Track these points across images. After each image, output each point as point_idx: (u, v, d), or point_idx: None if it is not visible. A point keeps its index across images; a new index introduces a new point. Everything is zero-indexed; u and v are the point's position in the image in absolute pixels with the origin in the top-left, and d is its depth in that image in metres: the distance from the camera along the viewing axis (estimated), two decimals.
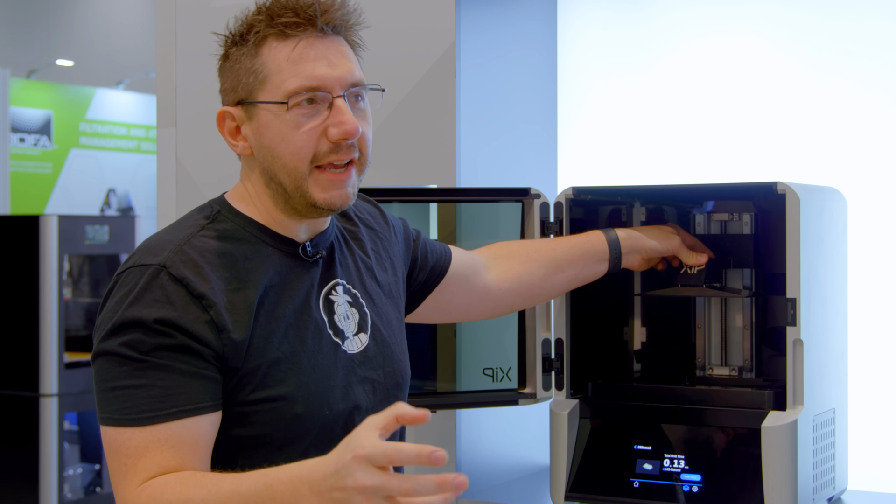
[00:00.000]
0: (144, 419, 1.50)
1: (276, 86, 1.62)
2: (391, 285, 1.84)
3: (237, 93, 1.66)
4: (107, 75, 12.25)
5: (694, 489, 2.03)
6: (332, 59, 1.63)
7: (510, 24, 2.63)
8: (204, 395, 1.53)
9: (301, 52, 1.62)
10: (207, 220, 1.66)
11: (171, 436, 1.50)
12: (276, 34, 1.62)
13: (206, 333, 1.54)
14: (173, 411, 1.50)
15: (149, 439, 1.49)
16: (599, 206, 2.30)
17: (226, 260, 1.61)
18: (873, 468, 2.44)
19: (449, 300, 2.00)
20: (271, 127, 1.63)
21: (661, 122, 2.76)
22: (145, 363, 1.51)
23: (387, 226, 1.89)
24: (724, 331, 2.24)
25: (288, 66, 1.61)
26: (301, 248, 1.68)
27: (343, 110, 1.62)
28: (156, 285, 1.54)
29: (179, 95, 2.85)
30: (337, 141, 1.62)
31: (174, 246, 1.59)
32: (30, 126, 10.39)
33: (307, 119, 1.62)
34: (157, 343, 1.52)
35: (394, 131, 2.51)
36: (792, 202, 1.96)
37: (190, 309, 1.54)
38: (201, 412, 1.52)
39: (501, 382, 2.31)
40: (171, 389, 1.51)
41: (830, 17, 2.57)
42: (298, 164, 1.62)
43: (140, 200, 11.06)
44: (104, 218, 6.24)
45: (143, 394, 1.50)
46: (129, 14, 12.89)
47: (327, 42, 1.64)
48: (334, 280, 1.71)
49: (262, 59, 1.63)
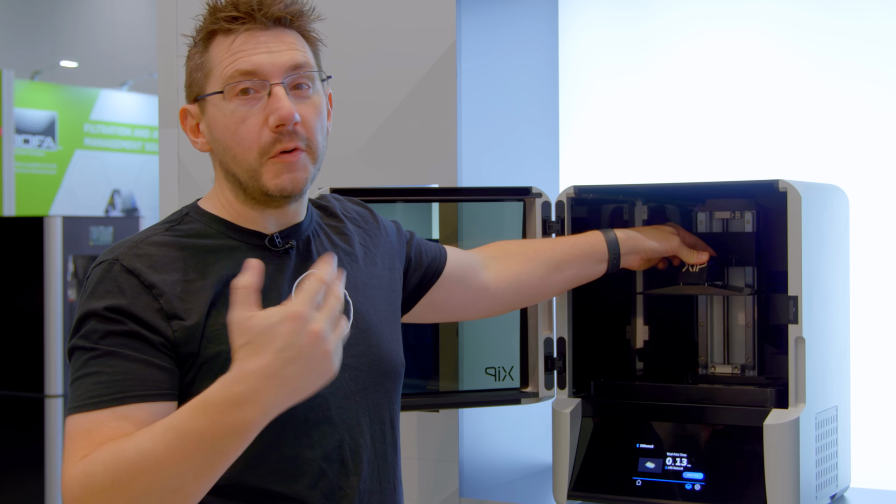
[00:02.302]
0: (90, 405, 1.50)
1: (216, 77, 1.65)
2: (383, 278, 1.83)
3: (192, 90, 1.70)
4: (111, 76, 12.27)
5: (696, 487, 2.03)
6: (273, 47, 1.65)
7: (511, 24, 2.63)
8: (151, 384, 1.52)
9: (241, 43, 1.64)
10: (173, 222, 1.69)
11: (114, 418, 1.49)
12: (222, 30, 1.65)
13: (157, 321, 1.55)
14: (118, 396, 1.50)
15: (92, 423, 1.49)
16: (601, 205, 2.30)
17: (184, 253, 1.62)
18: (876, 466, 2.43)
19: (446, 299, 2.00)
20: (217, 120, 1.66)
21: (663, 121, 2.76)
22: (97, 351, 1.53)
23: (377, 225, 1.89)
24: (726, 329, 2.23)
25: (227, 56, 1.64)
26: (268, 239, 1.69)
27: (279, 97, 1.63)
28: (108, 277, 1.57)
29: (181, 96, 2.85)
30: (275, 129, 1.63)
31: (131, 243, 1.63)
32: (34, 127, 10.41)
33: (248, 109, 1.63)
34: (107, 329, 1.53)
35: (395, 131, 2.51)
36: (793, 200, 1.96)
37: (140, 298, 1.55)
38: (146, 399, 1.51)
39: (504, 381, 2.31)
40: (119, 376, 1.51)
41: (831, 13, 2.57)
42: (246, 156, 1.64)
43: (144, 201, 11.08)
44: (108, 219, 6.26)
45: (92, 381, 1.51)
46: (132, 15, 12.91)
47: (270, 33, 1.65)
48: (311, 270, 1.71)
49: (209, 54, 1.66)
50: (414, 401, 2.25)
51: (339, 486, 1.65)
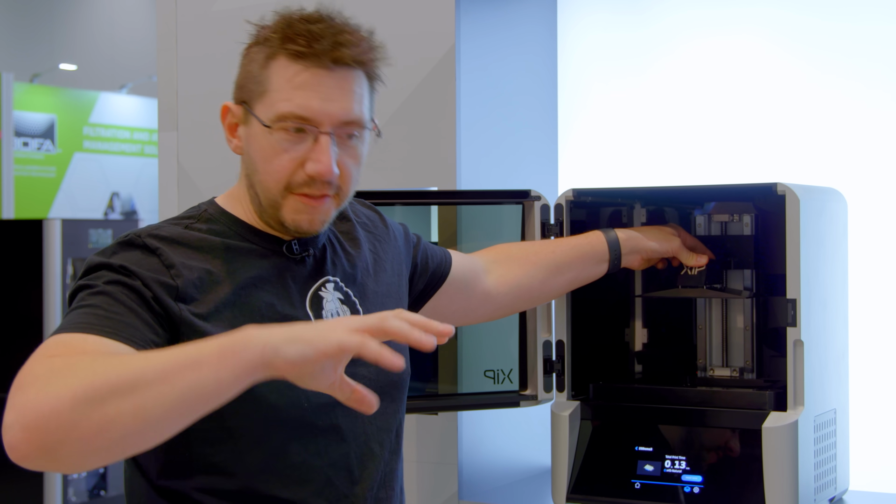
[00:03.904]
0: (77, 328, 1.43)
1: (270, 103, 1.60)
2: (391, 286, 1.84)
3: (242, 93, 1.66)
4: (110, 79, 12.28)
5: (695, 490, 2.03)
6: (332, 94, 1.60)
7: (510, 27, 2.63)
8: (141, 334, 1.46)
9: (304, 80, 1.59)
10: (192, 220, 1.66)
11: (96, 347, 1.40)
12: (290, 54, 1.60)
13: (165, 297, 1.51)
14: (109, 331, 1.43)
15: (73, 338, 1.41)
16: (600, 208, 2.31)
17: (206, 245, 1.61)
18: (875, 468, 2.43)
19: (448, 305, 2.00)
20: (258, 140, 1.63)
21: (662, 124, 2.76)
22: (98, 290, 1.48)
23: (386, 230, 1.88)
24: (724, 332, 2.24)
25: (288, 89, 1.59)
26: (286, 245, 1.68)
27: (324, 149, 1.60)
28: (128, 250, 1.54)
29: (181, 99, 2.86)
30: (311, 176, 1.61)
31: (151, 227, 1.60)
32: (33, 130, 10.41)
33: (291, 146, 1.60)
34: (114, 278, 1.50)
35: (395, 134, 2.51)
36: (792, 203, 1.96)
37: (158, 275, 1.52)
38: (133, 344, 1.44)
39: (503, 384, 2.31)
40: (116, 316, 1.46)
41: (830, 17, 2.57)
42: (273, 186, 1.62)
43: (144, 204, 11.08)
44: (108, 222, 6.26)
45: (87, 311, 1.46)
46: (132, 18, 12.92)
47: (335, 75, 1.60)
48: (324, 277, 1.71)
49: (269, 71, 1.61)
50: (413, 403, 2.25)
51: (344, 493, 1.65)
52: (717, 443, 2.04)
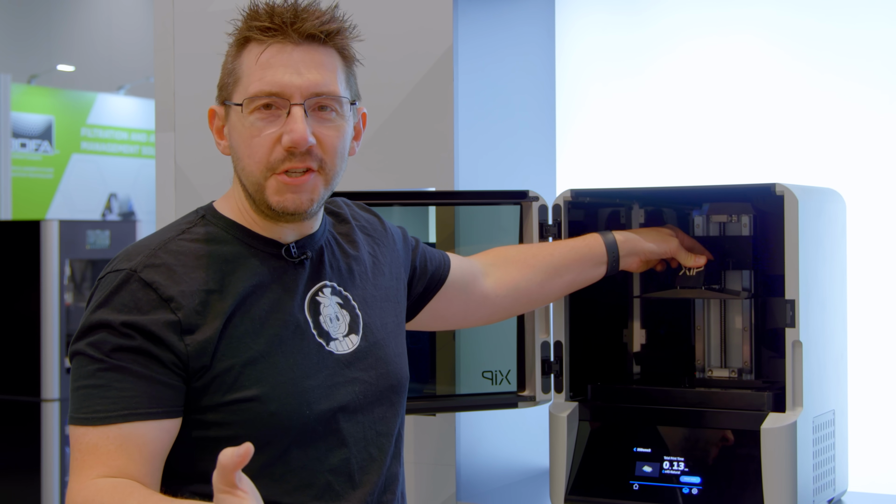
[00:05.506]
0: (97, 419, 1.53)
1: (243, 88, 1.64)
2: (390, 289, 1.83)
3: (222, 92, 1.69)
4: (108, 80, 12.28)
5: (694, 491, 2.03)
6: (300, 67, 1.62)
7: (508, 27, 2.63)
8: (157, 402, 1.55)
9: (270, 57, 1.62)
10: (190, 224, 1.68)
11: (119, 437, 1.52)
12: (256, 38, 1.63)
13: (170, 337, 1.55)
14: (124, 413, 1.53)
15: (100, 438, 1.52)
16: (598, 209, 2.30)
17: (204, 261, 1.62)
18: (873, 469, 2.43)
19: (447, 308, 2.00)
20: (236, 129, 1.65)
21: (660, 125, 2.76)
22: (105, 364, 1.54)
23: (385, 233, 1.88)
24: (723, 332, 2.23)
25: (256, 69, 1.62)
26: (285, 249, 1.68)
27: (296, 118, 1.61)
28: (126, 290, 1.57)
29: (178, 100, 2.85)
30: (288, 148, 1.62)
31: (149, 251, 1.61)
32: (31, 131, 10.41)
33: (265, 125, 1.62)
34: (118, 344, 1.54)
35: (392, 134, 2.51)
36: (790, 204, 1.96)
37: (157, 312, 1.56)
38: (152, 417, 1.54)
39: (501, 385, 2.30)
40: (126, 392, 1.54)
41: (828, 18, 2.57)
42: (254, 169, 1.64)
43: (141, 205, 11.08)
44: (105, 223, 6.25)
45: (100, 394, 1.54)
46: (129, 19, 12.91)
47: (302, 49, 1.63)
48: (322, 282, 1.71)
49: (240, 60, 1.65)
50: (411, 405, 2.24)
51: (345, 498, 1.65)
52: (716, 444, 2.03)
